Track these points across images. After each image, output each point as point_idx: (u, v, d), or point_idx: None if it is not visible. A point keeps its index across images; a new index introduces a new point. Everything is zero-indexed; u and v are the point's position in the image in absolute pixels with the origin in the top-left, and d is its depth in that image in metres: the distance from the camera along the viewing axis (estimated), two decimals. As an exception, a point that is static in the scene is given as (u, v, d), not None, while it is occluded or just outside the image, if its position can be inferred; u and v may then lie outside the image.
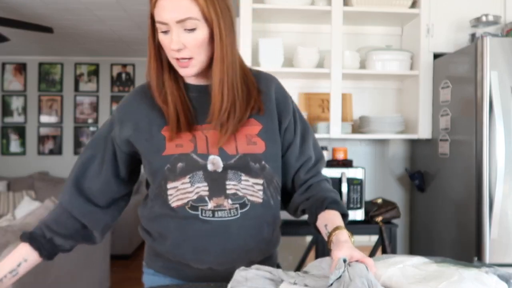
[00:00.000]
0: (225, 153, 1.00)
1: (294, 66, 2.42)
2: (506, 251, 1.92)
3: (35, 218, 2.43)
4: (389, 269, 0.84)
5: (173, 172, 1.00)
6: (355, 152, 2.66)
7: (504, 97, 1.91)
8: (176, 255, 1.05)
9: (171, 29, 0.93)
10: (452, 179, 2.17)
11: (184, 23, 0.92)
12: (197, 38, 0.94)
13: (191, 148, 1.00)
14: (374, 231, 2.20)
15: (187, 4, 0.91)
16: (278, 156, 1.08)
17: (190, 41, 0.94)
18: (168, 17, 0.91)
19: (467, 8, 2.36)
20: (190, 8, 0.91)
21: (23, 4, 3.58)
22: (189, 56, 0.95)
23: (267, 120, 1.06)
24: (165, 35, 0.95)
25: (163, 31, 0.95)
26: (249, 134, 1.03)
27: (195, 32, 0.94)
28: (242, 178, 1.01)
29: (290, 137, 1.10)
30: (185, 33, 0.93)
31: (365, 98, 2.67)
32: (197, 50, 0.95)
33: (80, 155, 1.10)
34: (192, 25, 0.92)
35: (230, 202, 1.00)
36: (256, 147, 1.02)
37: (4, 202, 5.00)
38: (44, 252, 1.02)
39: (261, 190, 1.04)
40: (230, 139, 1.00)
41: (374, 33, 2.66)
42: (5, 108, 5.61)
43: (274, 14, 2.42)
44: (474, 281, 0.75)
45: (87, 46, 5.11)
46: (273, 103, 1.08)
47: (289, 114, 1.10)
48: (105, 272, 3.39)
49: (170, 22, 0.92)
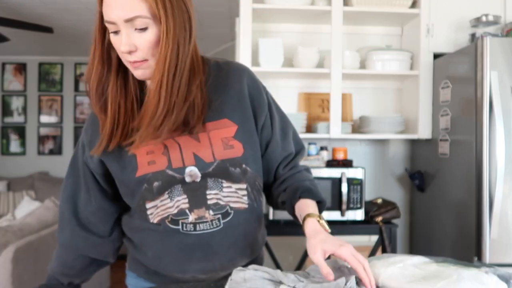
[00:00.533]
0: (202, 162, 0.94)
1: (294, 66, 2.42)
2: (506, 251, 1.92)
3: (35, 218, 2.43)
4: (389, 268, 0.83)
5: (151, 192, 0.95)
6: (355, 152, 2.66)
7: (504, 97, 1.91)
8: (157, 267, 1.02)
9: (120, 29, 0.85)
10: (452, 179, 2.17)
11: (133, 22, 0.84)
12: (149, 39, 0.86)
13: (165, 163, 0.93)
14: (374, 231, 2.20)
15: (136, 2, 0.83)
16: (258, 156, 1.03)
17: (141, 42, 0.86)
18: (116, 15, 0.84)
19: (467, 8, 2.35)
20: (139, 5, 0.83)
21: (23, 4, 3.58)
22: (142, 58, 0.87)
23: (242, 119, 0.98)
24: (115, 35, 0.87)
25: (113, 32, 0.87)
26: (225, 137, 0.95)
27: (146, 32, 0.85)
28: (223, 185, 0.96)
29: (268, 135, 1.04)
30: (135, 33, 0.85)
31: (365, 98, 2.67)
32: (151, 52, 0.87)
33: (64, 184, 1.05)
34: (142, 24, 0.84)
35: (211, 213, 0.96)
36: (234, 151, 0.96)
37: (4, 202, 4.99)
38: None
39: (245, 195, 0.99)
40: (205, 145, 0.94)
41: (374, 33, 2.66)
42: (5, 108, 5.61)
43: (274, 14, 2.42)
44: (474, 281, 0.75)
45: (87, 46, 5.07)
46: (247, 99, 1.00)
47: (265, 109, 1.03)
48: (105, 272, 3.39)
49: (118, 21, 0.84)
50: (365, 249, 2.25)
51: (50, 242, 2.36)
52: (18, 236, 2.15)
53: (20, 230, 2.20)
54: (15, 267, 2.01)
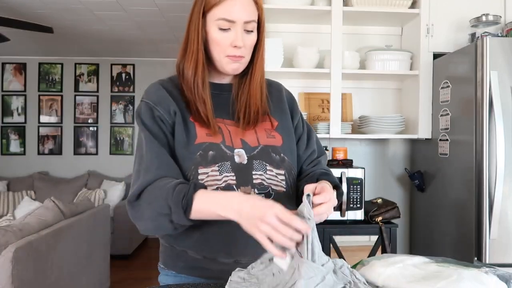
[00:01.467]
0: (248, 145, 1.06)
1: (294, 66, 2.42)
2: (506, 251, 1.92)
3: (35, 218, 2.43)
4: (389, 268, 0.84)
5: (205, 159, 1.02)
6: (355, 152, 2.66)
7: (504, 97, 1.91)
8: (203, 249, 1.04)
9: (235, 28, 1.00)
10: (452, 179, 2.17)
11: (248, 24, 1.01)
12: (252, 40, 1.04)
13: (220, 139, 1.05)
14: (374, 231, 2.20)
15: (253, 7, 1.02)
16: (294, 149, 1.15)
17: (248, 41, 1.03)
18: (239, 16, 0.99)
19: (467, 8, 2.36)
20: (255, 12, 1.02)
21: (23, 4, 3.58)
22: (243, 54, 1.04)
23: (282, 117, 1.15)
24: (223, 32, 1.01)
25: (223, 29, 1.01)
26: (268, 128, 1.11)
27: (252, 34, 1.04)
28: (267, 168, 1.06)
29: (299, 133, 1.19)
30: (244, 33, 1.02)
31: (365, 98, 2.67)
32: (249, 51, 1.05)
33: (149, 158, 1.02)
34: (252, 27, 1.03)
35: (256, 191, 1.03)
36: (275, 140, 1.10)
37: (4, 202, 5.00)
38: None
39: (283, 180, 1.08)
40: (251, 132, 1.08)
41: (374, 33, 2.66)
42: (5, 108, 5.61)
43: (274, 14, 2.42)
44: (473, 281, 0.75)
45: (87, 46, 5.11)
46: (286, 104, 1.19)
47: (298, 114, 1.21)
48: (105, 272, 3.39)
49: (239, 21, 1.00)
50: (365, 249, 2.25)
51: (50, 242, 2.36)
52: (18, 236, 2.15)
53: (20, 230, 2.19)
54: (15, 267, 2.01)
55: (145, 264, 4.55)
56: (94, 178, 5.32)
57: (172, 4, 3.60)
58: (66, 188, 5.16)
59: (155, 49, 5.20)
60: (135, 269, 4.35)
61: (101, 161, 5.64)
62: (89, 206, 3.16)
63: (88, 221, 2.98)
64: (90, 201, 3.27)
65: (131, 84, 5.70)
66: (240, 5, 0.99)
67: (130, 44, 4.98)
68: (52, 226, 2.48)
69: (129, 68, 5.71)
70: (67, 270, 2.58)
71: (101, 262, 3.28)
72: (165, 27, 4.26)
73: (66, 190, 5.13)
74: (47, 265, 2.33)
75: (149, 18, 3.97)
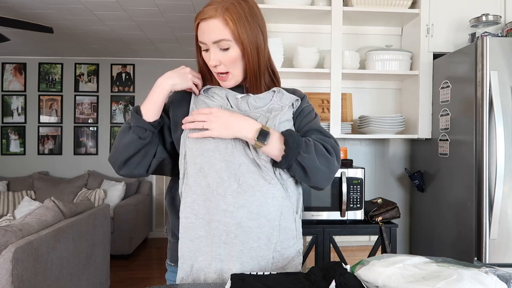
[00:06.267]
0: None
1: (294, 66, 2.42)
2: (506, 251, 1.92)
3: (35, 218, 2.43)
4: (389, 268, 0.84)
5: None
6: (355, 152, 2.66)
7: (504, 97, 1.91)
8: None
9: (209, 48, 1.10)
10: (452, 179, 2.17)
11: (219, 43, 1.08)
12: (230, 56, 1.10)
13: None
14: (374, 231, 2.20)
15: (220, 28, 1.07)
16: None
17: (225, 59, 1.10)
18: (206, 38, 1.09)
19: (467, 8, 2.36)
20: (223, 31, 1.07)
21: (23, 4, 3.58)
22: (225, 70, 1.13)
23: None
24: (206, 53, 1.13)
25: (204, 50, 1.13)
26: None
27: (228, 51, 1.09)
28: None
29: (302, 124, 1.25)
30: (220, 52, 1.10)
31: (365, 98, 2.67)
32: (232, 65, 1.12)
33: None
34: (225, 45, 1.08)
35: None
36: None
37: (4, 202, 4.99)
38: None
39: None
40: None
41: (374, 33, 2.66)
42: (5, 108, 5.61)
43: (274, 14, 2.42)
44: (473, 281, 0.75)
45: (87, 46, 5.10)
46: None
47: (302, 116, 1.27)
48: (105, 272, 3.39)
49: (208, 43, 1.09)
50: (365, 249, 2.26)
51: (50, 242, 2.36)
52: (18, 236, 2.15)
53: (20, 230, 2.19)
54: (15, 267, 2.01)
55: (145, 264, 4.55)
56: (94, 178, 5.32)
57: (172, 4, 3.60)
58: (66, 188, 5.16)
59: (155, 49, 5.20)
60: (135, 269, 4.35)
61: (101, 161, 5.63)
62: (89, 206, 3.16)
63: (88, 221, 2.98)
64: (90, 201, 3.27)
65: (131, 84, 5.69)
66: (206, 27, 1.07)
67: (130, 44, 4.98)
68: (52, 226, 2.48)
69: (129, 68, 5.70)
70: (67, 270, 2.58)
71: (101, 262, 3.27)
72: (165, 27, 4.26)
73: (66, 190, 5.13)
74: (47, 265, 2.33)
75: (149, 18, 3.97)
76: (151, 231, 5.71)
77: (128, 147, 1.07)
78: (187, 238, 1.06)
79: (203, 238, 1.05)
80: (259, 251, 1.05)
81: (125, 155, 1.08)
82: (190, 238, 1.06)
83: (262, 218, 1.05)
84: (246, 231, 1.03)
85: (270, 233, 1.06)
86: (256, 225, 1.04)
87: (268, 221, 1.05)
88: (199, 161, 1.06)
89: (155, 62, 5.67)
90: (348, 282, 0.82)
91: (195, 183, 1.06)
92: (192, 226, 1.06)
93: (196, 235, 1.06)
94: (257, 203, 1.04)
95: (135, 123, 1.07)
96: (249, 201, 1.04)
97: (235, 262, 1.03)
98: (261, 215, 1.04)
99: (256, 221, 1.04)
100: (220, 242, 1.04)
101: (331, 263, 0.90)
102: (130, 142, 1.07)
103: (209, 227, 1.05)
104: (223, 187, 1.04)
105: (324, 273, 0.87)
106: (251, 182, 1.05)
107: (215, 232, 1.04)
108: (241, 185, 1.04)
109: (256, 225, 1.04)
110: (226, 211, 1.03)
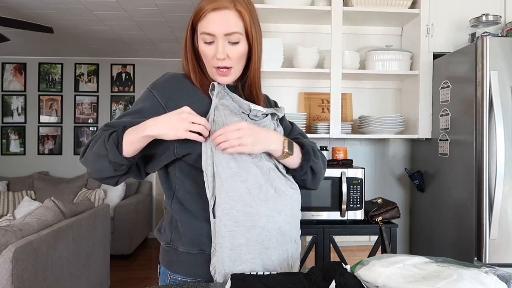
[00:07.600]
0: None
1: (294, 66, 2.42)
2: (506, 251, 1.92)
3: (35, 218, 2.43)
4: (389, 268, 0.84)
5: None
6: (355, 152, 2.66)
7: (504, 97, 1.91)
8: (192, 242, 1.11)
9: (217, 41, 1.04)
10: (452, 179, 2.17)
11: (230, 36, 1.04)
12: (239, 51, 1.06)
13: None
14: (374, 231, 2.20)
15: (235, 20, 1.03)
16: None
17: (233, 53, 1.06)
18: (217, 29, 1.02)
19: (467, 8, 2.36)
20: (237, 24, 1.03)
21: (23, 4, 3.58)
22: (229, 65, 1.07)
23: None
24: (208, 45, 1.06)
25: (207, 42, 1.05)
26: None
27: (238, 45, 1.06)
28: None
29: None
30: (229, 45, 1.05)
31: (365, 98, 2.67)
32: (237, 61, 1.08)
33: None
34: (236, 39, 1.04)
35: None
36: None
37: (4, 202, 4.99)
38: None
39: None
40: None
41: (374, 33, 2.66)
42: (5, 108, 5.61)
43: (274, 14, 2.42)
44: (473, 281, 0.75)
45: (87, 46, 5.10)
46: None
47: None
48: (105, 272, 3.39)
49: (218, 35, 1.03)
50: (365, 249, 2.26)
51: (50, 242, 2.36)
52: (18, 236, 2.15)
53: (20, 230, 2.19)
54: (15, 267, 2.01)
55: (145, 264, 4.55)
56: (94, 178, 5.31)
57: (172, 4, 3.60)
58: (66, 188, 5.16)
59: (155, 49, 5.20)
60: (135, 269, 4.35)
61: (101, 161, 5.63)
62: (89, 206, 3.16)
63: (88, 221, 2.98)
64: (90, 201, 3.27)
65: (131, 84, 5.69)
66: (219, 18, 1.02)
67: (130, 44, 4.98)
68: (52, 226, 2.48)
69: (129, 68, 5.71)
70: (67, 270, 2.58)
71: (101, 262, 3.27)
72: (165, 27, 4.26)
73: (66, 190, 5.13)
74: (47, 265, 2.33)
75: (149, 18, 3.97)
76: (151, 231, 5.71)
77: (102, 173, 1.02)
78: (227, 248, 1.00)
79: (243, 246, 1.01)
80: (290, 252, 1.10)
81: (97, 176, 1.04)
82: (230, 247, 1.00)
83: (293, 221, 1.10)
84: (284, 234, 1.07)
85: (296, 234, 1.12)
86: (290, 228, 1.09)
87: (296, 224, 1.12)
88: (233, 165, 1.02)
89: (155, 62, 5.67)
90: (348, 282, 0.83)
91: (231, 188, 1.00)
92: (233, 234, 1.00)
93: (236, 243, 1.01)
94: (290, 207, 1.09)
95: (113, 158, 0.98)
96: (285, 205, 1.07)
97: (276, 265, 1.05)
98: (293, 218, 1.10)
99: (290, 224, 1.09)
100: (262, 248, 1.03)
101: (331, 263, 0.91)
102: (104, 170, 1.01)
103: (249, 233, 1.01)
104: (263, 192, 1.03)
105: (324, 273, 0.87)
106: (281, 187, 1.08)
107: (257, 238, 1.02)
108: (277, 190, 1.06)
109: (290, 228, 1.09)
110: (269, 217, 1.03)
